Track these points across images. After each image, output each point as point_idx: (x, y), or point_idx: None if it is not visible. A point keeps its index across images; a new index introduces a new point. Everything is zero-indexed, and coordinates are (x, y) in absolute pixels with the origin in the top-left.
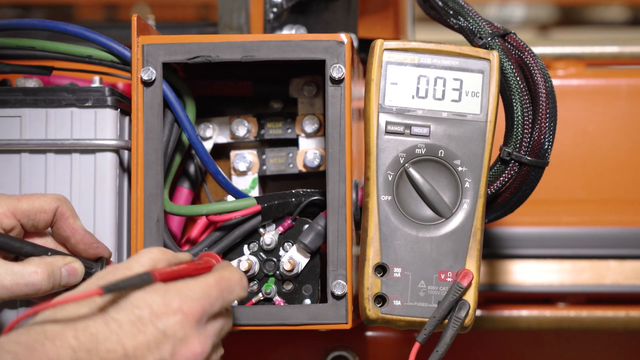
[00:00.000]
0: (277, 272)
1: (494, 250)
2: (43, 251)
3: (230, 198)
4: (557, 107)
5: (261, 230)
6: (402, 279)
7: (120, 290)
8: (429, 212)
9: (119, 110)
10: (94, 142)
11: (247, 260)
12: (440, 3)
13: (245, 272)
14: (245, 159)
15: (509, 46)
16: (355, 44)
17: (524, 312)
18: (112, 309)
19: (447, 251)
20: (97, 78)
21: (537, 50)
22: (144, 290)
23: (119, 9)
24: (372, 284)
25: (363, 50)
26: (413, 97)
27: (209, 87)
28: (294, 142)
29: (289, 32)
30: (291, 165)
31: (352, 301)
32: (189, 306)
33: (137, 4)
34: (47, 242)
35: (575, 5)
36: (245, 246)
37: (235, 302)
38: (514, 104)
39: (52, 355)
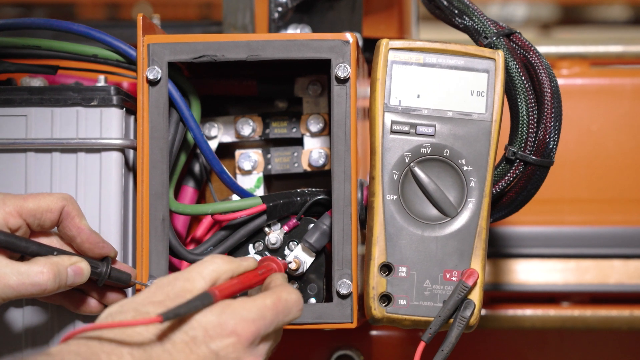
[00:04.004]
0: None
1: (498, 250)
2: (49, 251)
3: (235, 197)
4: (562, 106)
5: (266, 229)
6: (407, 278)
7: (180, 316)
8: (434, 212)
9: (124, 109)
10: (100, 142)
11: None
12: (445, 2)
13: None
14: (250, 158)
15: (514, 46)
16: (360, 43)
17: (528, 312)
18: (167, 329)
19: (452, 250)
20: (102, 77)
21: (542, 49)
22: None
23: (120, 8)
24: (377, 283)
25: (367, 50)
26: (418, 96)
27: (214, 87)
28: (299, 142)
29: (293, 31)
30: (296, 165)
31: (357, 300)
32: (243, 328)
33: (139, 3)
34: (53, 241)
35: (577, 5)
36: (251, 245)
37: None
38: (519, 104)
39: None
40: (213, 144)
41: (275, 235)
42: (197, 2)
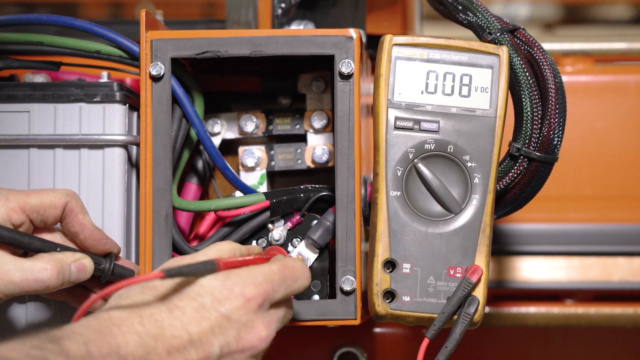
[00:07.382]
0: None
1: (502, 247)
2: (52, 247)
3: (238, 194)
4: (566, 102)
5: (270, 225)
6: (411, 274)
7: (182, 275)
8: (438, 208)
9: (127, 105)
10: (103, 138)
11: None
12: None
13: None
14: (253, 155)
15: (518, 42)
16: (364, 39)
17: (532, 309)
18: (175, 297)
19: (456, 247)
20: (105, 73)
21: (545, 46)
22: (205, 278)
23: (123, 7)
24: (381, 279)
25: (371, 47)
26: (422, 92)
27: (217, 83)
28: (302, 138)
29: (297, 27)
30: (299, 161)
31: (361, 297)
32: (250, 291)
33: (141, 2)
34: (56, 237)
35: (579, 4)
36: (254, 242)
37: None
38: (523, 100)
39: (120, 340)
40: (216, 141)
41: (278, 231)
42: (199, 0)
